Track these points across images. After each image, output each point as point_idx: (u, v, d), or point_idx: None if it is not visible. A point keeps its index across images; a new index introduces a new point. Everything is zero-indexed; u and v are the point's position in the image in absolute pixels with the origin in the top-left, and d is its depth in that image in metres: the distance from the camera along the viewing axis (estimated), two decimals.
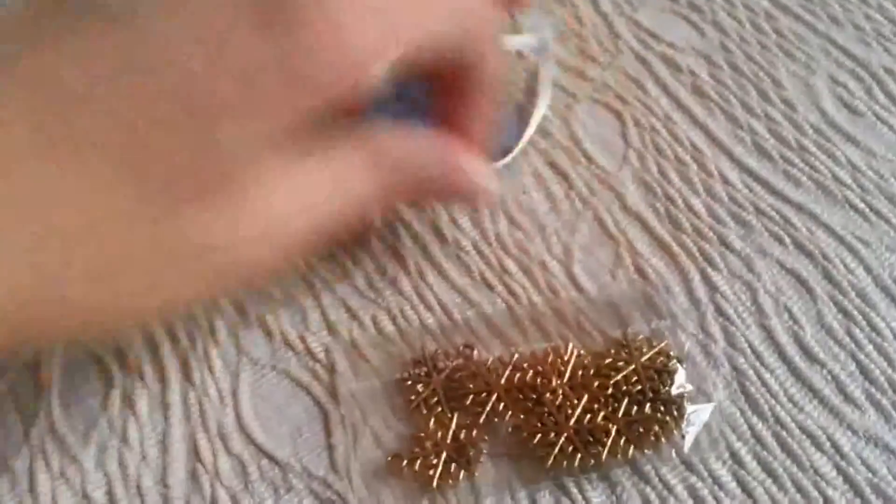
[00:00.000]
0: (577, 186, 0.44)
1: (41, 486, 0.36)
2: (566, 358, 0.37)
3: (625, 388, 0.36)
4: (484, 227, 0.43)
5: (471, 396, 0.37)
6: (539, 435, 0.36)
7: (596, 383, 0.36)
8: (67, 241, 0.27)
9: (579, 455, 0.35)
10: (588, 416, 0.36)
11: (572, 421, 0.36)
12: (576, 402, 0.36)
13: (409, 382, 0.37)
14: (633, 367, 0.37)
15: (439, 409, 0.37)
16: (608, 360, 0.37)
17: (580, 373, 0.37)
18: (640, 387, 0.36)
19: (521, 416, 0.36)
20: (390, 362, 0.39)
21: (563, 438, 0.35)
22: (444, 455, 0.36)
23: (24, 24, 0.28)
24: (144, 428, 0.37)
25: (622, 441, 0.35)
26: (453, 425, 0.36)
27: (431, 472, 0.35)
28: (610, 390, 0.36)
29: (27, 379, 0.38)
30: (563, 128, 0.46)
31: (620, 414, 0.36)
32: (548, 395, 0.36)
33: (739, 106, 0.46)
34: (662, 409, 0.36)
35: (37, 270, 0.27)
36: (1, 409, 0.38)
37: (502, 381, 0.37)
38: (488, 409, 0.37)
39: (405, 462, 0.36)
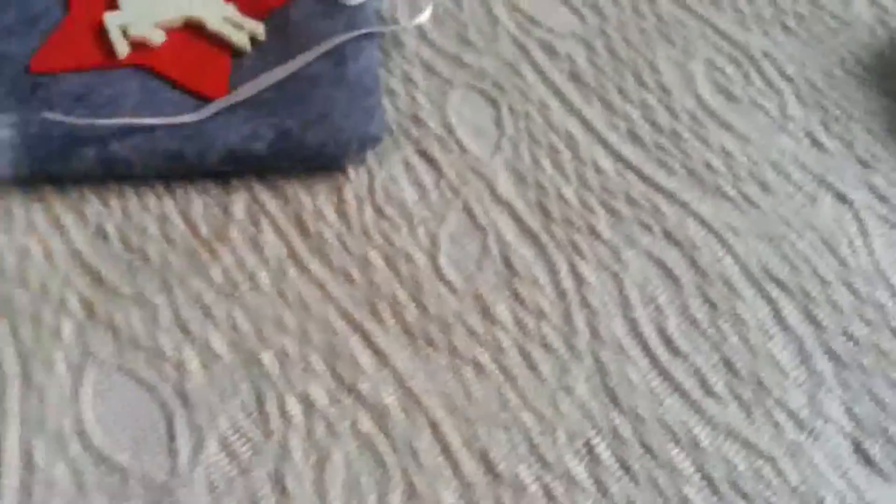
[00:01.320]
0: (448, 175, 0.42)
1: None
2: None
3: None
4: (349, 218, 0.41)
5: None
6: None
7: None
8: None
9: None
10: None
11: None
12: None
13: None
14: None
15: None
16: None
17: None
18: None
19: None
20: (245, 361, 0.37)
21: None
22: None
23: None
24: None
25: None
26: None
27: None
28: None
29: None
30: (436, 115, 0.44)
31: None
32: None
33: (616, 92, 0.45)
34: None
35: None
36: None
37: None
38: None
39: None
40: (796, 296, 0.39)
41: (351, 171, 0.42)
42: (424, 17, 0.47)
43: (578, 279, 0.39)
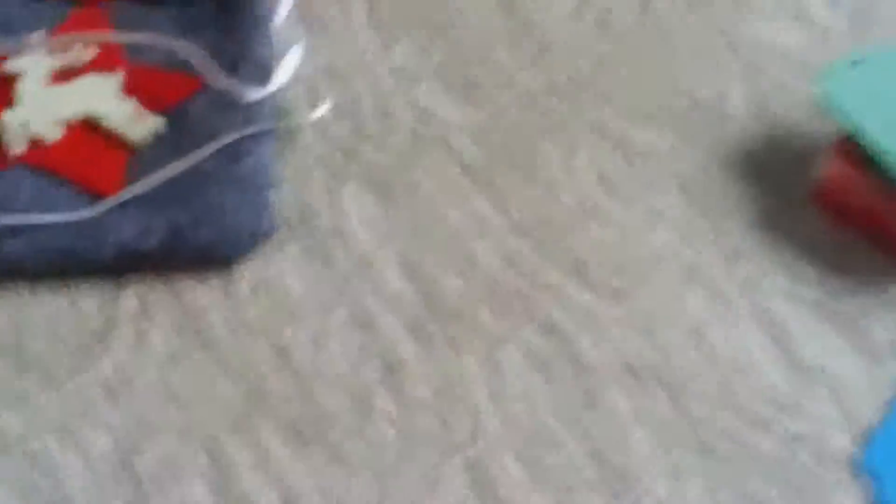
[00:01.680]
0: (338, 268, 0.44)
1: None
2: None
3: None
4: (238, 313, 0.42)
5: None
6: None
7: None
8: None
9: None
10: None
11: None
12: None
13: None
14: None
15: None
16: None
17: None
18: None
19: None
20: None
21: None
22: None
23: None
24: None
25: None
26: None
27: None
28: None
29: None
30: (329, 208, 0.46)
31: None
32: None
33: (505, 185, 0.47)
34: None
35: None
36: None
37: None
38: None
39: None
40: (665, 385, 0.40)
41: (242, 266, 0.44)
42: (322, 111, 0.49)
43: (460, 372, 0.41)
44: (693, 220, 0.46)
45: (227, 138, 0.46)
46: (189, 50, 0.48)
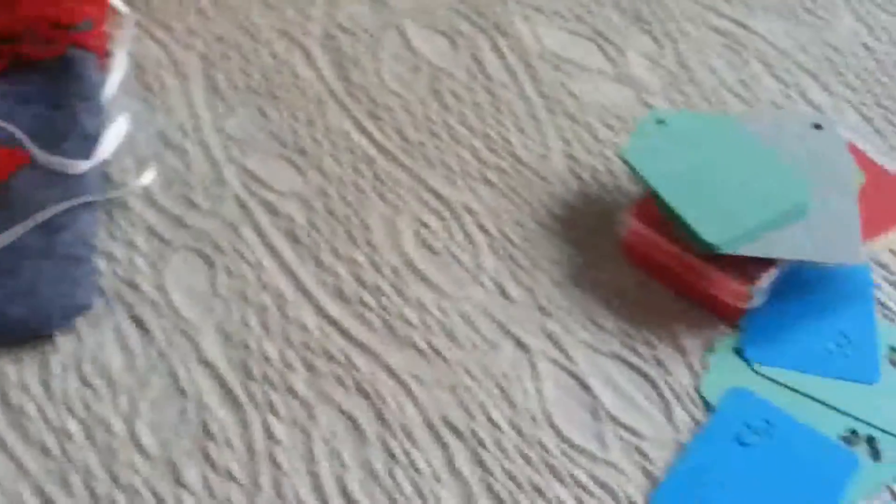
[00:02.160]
0: (157, 340, 0.45)
1: None
2: None
3: None
4: (52, 389, 0.43)
5: None
6: None
7: None
8: None
9: None
10: None
11: None
12: None
13: None
14: None
15: None
16: None
17: None
18: None
19: None
20: None
21: None
22: None
23: None
24: None
25: None
26: None
27: None
28: None
29: None
30: (152, 278, 0.47)
31: None
32: None
33: (328, 251, 0.49)
34: None
35: None
36: None
37: None
38: None
39: None
40: (469, 441, 0.42)
41: (60, 340, 0.44)
42: (147, 178, 0.50)
43: (271, 438, 0.42)
44: (506, 278, 0.48)
45: (50, 212, 0.46)
46: (15, 124, 0.49)
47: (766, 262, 0.45)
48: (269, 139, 0.54)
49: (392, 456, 0.42)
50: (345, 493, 0.41)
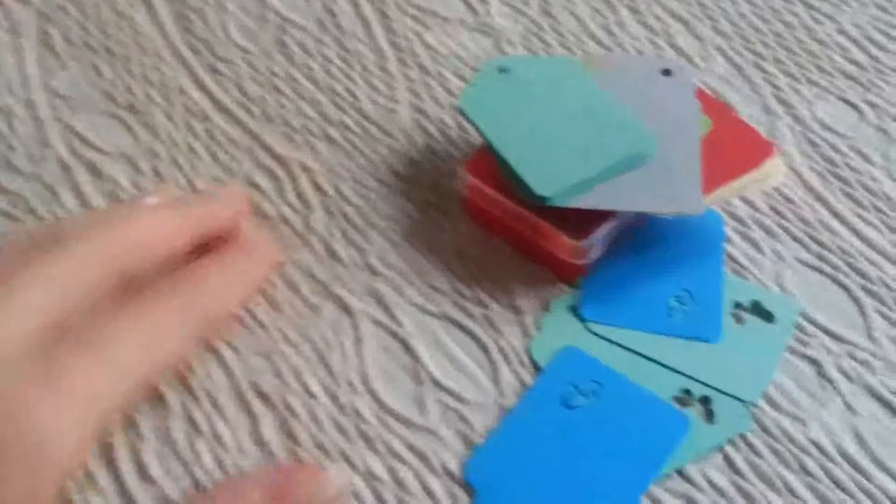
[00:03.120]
0: None
1: None
2: None
3: None
4: None
5: None
6: None
7: None
8: None
9: None
10: None
11: None
12: None
13: None
14: None
15: None
16: None
17: None
18: None
19: None
20: None
21: None
22: None
23: None
24: None
25: None
26: None
27: None
28: None
29: None
30: None
31: None
32: None
33: None
34: None
35: None
36: None
37: None
38: None
39: None
40: (279, 410, 0.40)
41: None
42: None
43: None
44: (336, 239, 0.46)
45: None
46: None
47: (602, 215, 0.43)
48: (101, 97, 0.51)
49: (194, 426, 0.40)
50: (139, 465, 0.38)
